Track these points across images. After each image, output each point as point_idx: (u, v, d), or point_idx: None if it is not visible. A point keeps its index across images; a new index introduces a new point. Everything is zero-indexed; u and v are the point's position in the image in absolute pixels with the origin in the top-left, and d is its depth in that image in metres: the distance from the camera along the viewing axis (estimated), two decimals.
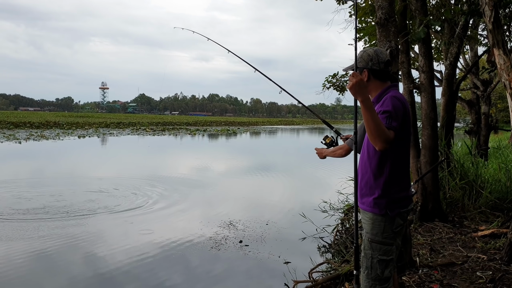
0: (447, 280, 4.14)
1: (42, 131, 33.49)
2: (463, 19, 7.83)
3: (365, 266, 2.47)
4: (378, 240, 2.45)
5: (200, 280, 5.08)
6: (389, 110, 2.36)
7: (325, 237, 6.62)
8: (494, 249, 5.06)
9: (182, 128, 49.43)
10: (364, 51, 2.62)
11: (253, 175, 13.47)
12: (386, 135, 2.24)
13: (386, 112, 2.35)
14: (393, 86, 2.61)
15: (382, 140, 2.23)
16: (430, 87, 6.56)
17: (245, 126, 66.57)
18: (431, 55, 6.81)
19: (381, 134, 2.22)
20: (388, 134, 2.26)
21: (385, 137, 2.24)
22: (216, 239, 6.50)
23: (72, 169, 13.98)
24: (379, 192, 2.44)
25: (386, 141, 2.24)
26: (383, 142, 2.24)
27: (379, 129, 2.22)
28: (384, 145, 2.25)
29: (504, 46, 5.22)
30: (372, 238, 2.47)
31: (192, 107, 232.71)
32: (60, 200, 8.79)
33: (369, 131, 2.25)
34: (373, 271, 2.47)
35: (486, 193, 7.11)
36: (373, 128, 2.22)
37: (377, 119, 2.22)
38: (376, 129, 2.22)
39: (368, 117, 2.21)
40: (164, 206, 8.56)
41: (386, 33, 4.15)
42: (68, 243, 6.18)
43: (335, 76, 12.24)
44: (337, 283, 4.28)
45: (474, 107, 13.55)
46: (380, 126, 2.22)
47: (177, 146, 27.17)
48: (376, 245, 2.46)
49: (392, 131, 2.32)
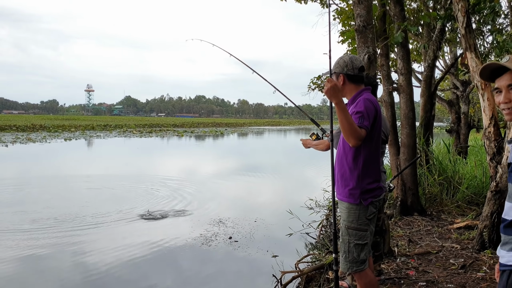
0: (422, 267, 4.48)
1: (28, 134, 33.30)
2: (440, 24, 8.22)
3: (343, 250, 2.78)
4: (353, 227, 2.76)
5: (192, 274, 5.36)
6: (362, 111, 2.68)
7: (311, 233, 6.92)
8: (467, 239, 5.43)
9: (169, 129, 49.45)
10: (340, 58, 2.93)
11: (241, 175, 13.74)
12: (358, 133, 2.57)
13: (359, 113, 2.67)
14: (366, 89, 2.93)
15: (354, 138, 2.57)
16: (408, 88, 6.92)
17: (232, 127, 66.80)
18: (409, 58, 7.18)
19: (353, 132, 2.55)
20: (360, 132, 2.59)
21: (357, 135, 2.57)
22: (206, 236, 6.76)
23: (63, 170, 14.08)
24: (354, 183, 2.75)
25: (358, 138, 2.58)
26: (355, 139, 2.57)
27: (352, 128, 2.55)
28: (357, 142, 2.59)
29: (476, 50, 5.60)
30: (348, 225, 2.78)
31: (179, 108, 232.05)
32: (52, 206, 8.96)
33: (343, 129, 2.58)
34: (350, 255, 2.78)
35: (463, 189, 7.50)
36: (346, 127, 2.55)
37: (349, 119, 2.55)
38: (349, 128, 2.55)
39: (342, 118, 2.54)
40: (154, 205, 8.78)
41: (364, 39, 4.47)
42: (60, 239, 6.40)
43: (319, 78, 12.59)
44: (322, 272, 4.58)
45: (454, 107, 14.02)
46: (352, 125, 2.55)
47: (165, 147, 27.32)
48: (352, 231, 2.77)
49: (364, 129, 2.65)
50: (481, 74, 1.83)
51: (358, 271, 2.79)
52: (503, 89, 1.74)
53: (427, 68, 8.47)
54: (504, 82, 1.73)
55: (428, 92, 8.52)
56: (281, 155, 23.06)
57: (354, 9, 4.68)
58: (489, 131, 5.09)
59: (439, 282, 4.04)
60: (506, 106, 1.74)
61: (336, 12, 10.96)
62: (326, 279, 4.52)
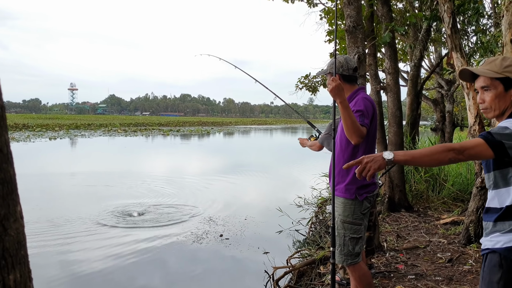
0: (411, 261, 4.60)
1: (11, 133, 32.82)
2: (426, 24, 8.39)
3: (338, 243, 2.87)
4: (349, 221, 2.85)
5: (184, 271, 5.42)
6: (362, 110, 2.77)
7: (300, 230, 7.02)
8: (454, 234, 5.58)
9: (154, 128, 49.21)
10: (336, 59, 3.00)
11: (230, 174, 13.79)
12: (360, 131, 2.67)
13: (359, 111, 2.76)
14: (362, 88, 3.03)
15: (357, 135, 2.66)
16: (396, 87, 7.07)
17: (218, 126, 66.75)
18: (396, 57, 7.32)
19: (356, 130, 2.65)
20: (362, 130, 2.68)
21: (360, 133, 2.67)
22: (197, 234, 6.81)
23: (57, 169, 13.97)
24: (350, 179, 2.84)
25: (361, 136, 2.68)
26: (358, 137, 2.67)
27: (355, 126, 2.64)
28: (359, 140, 2.69)
29: (461, 50, 5.74)
30: (344, 219, 2.87)
31: (164, 107, 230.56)
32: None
33: (346, 127, 2.67)
34: (345, 248, 2.87)
35: (449, 185, 7.68)
36: (350, 125, 2.64)
37: (353, 117, 2.64)
38: (353, 126, 2.64)
39: (346, 116, 2.63)
40: (144, 204, 8.79)
41: (354, 40, 4.56)
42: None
43: (307, 77, 12.68)
44: (313, 267, 4.68)
45: (439, 105, 14.28)
46: (356, 123, 2.65)
47: (152, 146, 27.19)
48: (347, 225, 2.86)
49: (365, 127, 2.74)
50: (461, 77, 2.02)
51: (353, 264, 2.88)
52: (479, 90, 1.92)
53: (414, 67, 8.64)
54: (479, 84, 1.91)
55: (415, 91, 8.69)
56: (269, 154, 23.17)
57: (344, 10, 4.77)
58: (474, 129, 5.24)
59: (427, 275, 4.16)
60: (481, 107, 1.92)
61: (323, 11, 11.08)
62: (318, 273, 4.61)
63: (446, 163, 1.78)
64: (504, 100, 1.85)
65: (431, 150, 1.76)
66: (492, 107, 1.87)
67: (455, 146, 1.74)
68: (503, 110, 1.86)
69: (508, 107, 1.86)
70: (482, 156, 1.74)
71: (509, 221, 1.75)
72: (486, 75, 1.87)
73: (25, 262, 1.09)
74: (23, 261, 1.08)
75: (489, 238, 1.81)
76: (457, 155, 1.72)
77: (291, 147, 28.43)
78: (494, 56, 6.10)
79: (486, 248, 1.81)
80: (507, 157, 1.71)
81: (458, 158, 1.73)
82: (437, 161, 1.76)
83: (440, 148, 1.76)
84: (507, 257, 1.72)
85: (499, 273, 1.72)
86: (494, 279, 1.73)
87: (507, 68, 1.84)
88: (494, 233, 1.79)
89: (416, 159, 1.79)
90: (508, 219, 1.76)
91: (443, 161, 1.75)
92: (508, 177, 1.77)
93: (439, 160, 1.75)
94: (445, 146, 1.76)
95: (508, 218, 1.76)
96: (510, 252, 1.72)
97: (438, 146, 1.78)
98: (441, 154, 1.73)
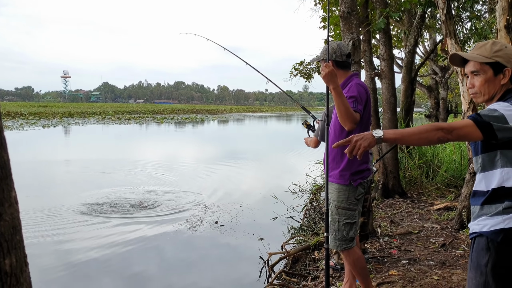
0: (404, 246, 4.66)
1: (4, 121, 32.56)
2: (420, 10, 8.36)
3: (332, 229, 2.89)
4: (343, 207, 2.87)
5: (180, 258, 5.46)
6: (355, 96, 2.77)
7: (295, 216, 7.06)
8: (447, 220, 5.64)
9: (148, 116, 49.02)
10: (329, 45, 2.99)
11: (225, 161, 13.79)
12: (354, 117, 2.67)
13: (352, 97, 2.76)
14: (355, 74, 3.02)
15: (350, 121, 2.67)
16: (390, 74, 7.06)
17: (212, 113, 66.59)
18: (391, 44, 7.30)
19: (350, 116, 2.65)
20: (355, 116, 2.69)
21: (353, 119, 2.67)
22: (192, 221, 6.83)
23: (57, 156, 13.92)
24: (344, 165, 2.85)
25: (354, 122, 2.68)
26: (351, 123, 2.67)
27: (348, 112, 2.65)
28: (352, 125, 2.69)
29: (456, 36, 5.74)
30: (338, 205, 2.89)
31: (157, 95, 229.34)
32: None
33: (339, 113, 2.67)
34: (339, 233, 2.89)
35: (442, 172, 7.74)
36: (343, 111, 2.64)
37: (346, 104, 2.64)
38: (346, 112, 2.64)
39: (339, 102, 2.63)
40: (140, 192, 8.80)
41: (349, 26, 4.54)
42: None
43: (301, 64, 12.63)
44: (308, 252, 4.72)
45: (433, 92, 14.32)
46: (349, 110, 2.65)
47: (146, 134, 27.14)
48: (341, 210, 2.88)
49: (358, 113, 2.75)
50: (451, 62, 2.02)
51: (347, 249, 2.91)
52: (469, 75, 1.93)
53: (408, 54, 8.63)
54: (468, 69, 1.92)
55: (409, 78, 8.69)
56: (264, 142, 23.18)
57: None
58: (468, 115, 5.26)
59: (421, 260, 4.21)
60: (471, 91, 1.93)
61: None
62: (312, 259, 4.66)
63: (435, 142, 1.78)
64: (493, 85, 1.85)
65: (420, 129, 1.76)
66: (481, 91, 1.88)
67: (444, 126, 1.75)
68: (492, 95, 1.87)
69: (498, 92, 1.86)
70: (470, 137, 1.74)
71: (496, 204, 1.76)
72: (476, 60, 1.87)
73: (20, 247, 1.10)
74: (18, 246, 1.09)
75: (476, 222, 1.81)
76: (445, 135, 1.72)
77: (285, 134, 28.50)
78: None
79: (474, 232, 1.82)
80: (495, 139, 1.71)
81: (447, 138, 1.74)
82: (426, 140, 1.76)
83: (429, 127, 1.76)
84: (494, 240, 1.72)
85: (486, 256, 1.73)
86: (482, 262, 1.74)
87: (497, 53, 1.84)
88: (481, 216, 1.79)
89: (405, 137, 1.80)
90: (495, 202, 1.76)
91: (432, 140, 1.76)
92: (495, 160, 1.77)
93: (428, 139, 1.75)
94: (434, 126, 1.76)
95: (494, 201, 1.76)
96: (497, 235, 1.72)
97: (428, 125, 1.78)
98: (430, 133, 1.73)
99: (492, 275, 1.71)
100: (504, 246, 1.71)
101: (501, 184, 1.75)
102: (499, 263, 1.71)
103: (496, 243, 1.72)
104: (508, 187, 1.74)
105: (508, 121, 1.69)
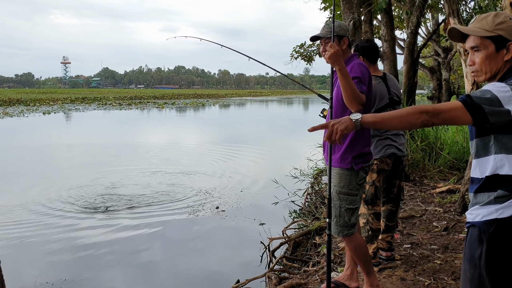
0: (407, 230, 4.60)
1: (5, 108, 32.50)
2: None
3: (334, 214, 2.82)
4: (345, 192, 2.80)
5: (181, 243, 5.43)
6: (359, 76, 2.66)
7: (296, 201, 7.01)
8: (449, 203, 5.57)
9: (149, 101, 48.86)
10: (338, 22, 2.85)
11: (225, 146, 13.72)
12: (360, 98, 2.57)
13: (356, 78, 2.64)
14: (355, 55, 2.92)
15: (357, 103, 2.55)
16: (392, 55, 6.94)
17: (214, 98, 66.35)
18: (392, 24, 7.16)
19: (356, 97, 2.54)
20: (362, 97, 2.58)
21: (360, 100, 2.56)
22: (193, 207, 6.79)
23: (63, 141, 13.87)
24: (345, 148, 2.77)
25: (361, 103, 2.58)
26: (358, 104, 2.56)
27: (355, 93, 2.54)
28: (359, 107, 2.57)
29: (459, 16, 5.61)
30: (339, 190, 2.81)
31: (158, 79, 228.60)
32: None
33: (345, 95, 2.56)
34: (341, 219, 2.82)
35: (445, 154, 7.65)
36: (349, 92, 2.53)
37: (352, 85, 2.53)
38: (352, 93, 2.53)
39: (345, 83, 2.52)
40: (141, 177, 8.76)
41: (349, 6, 4.43)
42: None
43: (302, 46, 12.47)
44: (309, 237, 4.68)
45: (436, 73, 14.16)
46: (355, 91, 2.54)
47: (147, 119, 27.03)
48: (343, 196, 2.80)
49: (364, 94, 2.64)
50: (450, 37, 1.82)
51: (349, 235, 2.84)
52: (469, 51, 1.74)
53: (410, 34, 8.47)
54: (468, 44, 1.72)
55: (411, 59, 8.55)
56: (265, 126, 23.09)
57: None
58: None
59: (423, 244, 4.16)
60: (471, 69, 1.75)
61: None
62: (313, 244, 4.61)
63: (419, 126, 1.63)
64: (495, 61, 1.67)
65: (401, 112, 1.62)
66: (482, 69, 1.69)
67: (429, 109, 1.59)
68: (495, 73, 1.68)
69: (501, 69, 1.67)
70: (459, 121, 1.59)
71: (488, 192, 1.63)
72: (476, 34, 1.68)
73: None
74: None
75: (470, 211, 1.69)
76: (430, 118, 1.57)
77: (286, 118, 28.37)
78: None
79: (468, 222, 1.70)
80: (488, 123, 1.55)
81: (432, 122, 1.58)
82: (408, 123, 1.63)
83: (411, 110, 1.61)
84: (486, 231, 1.60)
85: (479, 248, 1.62)
86: (475, 255, 1.63)
87: (500, 25, 1.64)
88: (475, 205, 1.67)
89: (385, 121, 1.65)
90: (488, 190, 1.63)
91: (414, 124, 1.61)
92: (489, 146, 1.63)
93: (410, 122, 1.61)
94: (417, 108, 1.61)
95: (487, 189, 1.63)
96: (489, 226, 1.60)
97: (410, 108, 1.63)
98: (412, 116, 1.59)
99: (486, 268, 1.60)
100: (496, 237, 1.59)
101: (495, 171, 1.62)
102: (492, 255, 1.59)
103: (489, 235, 1.60)
104: (502, 175, 1.60)
105: (502, 103, 1.53)
